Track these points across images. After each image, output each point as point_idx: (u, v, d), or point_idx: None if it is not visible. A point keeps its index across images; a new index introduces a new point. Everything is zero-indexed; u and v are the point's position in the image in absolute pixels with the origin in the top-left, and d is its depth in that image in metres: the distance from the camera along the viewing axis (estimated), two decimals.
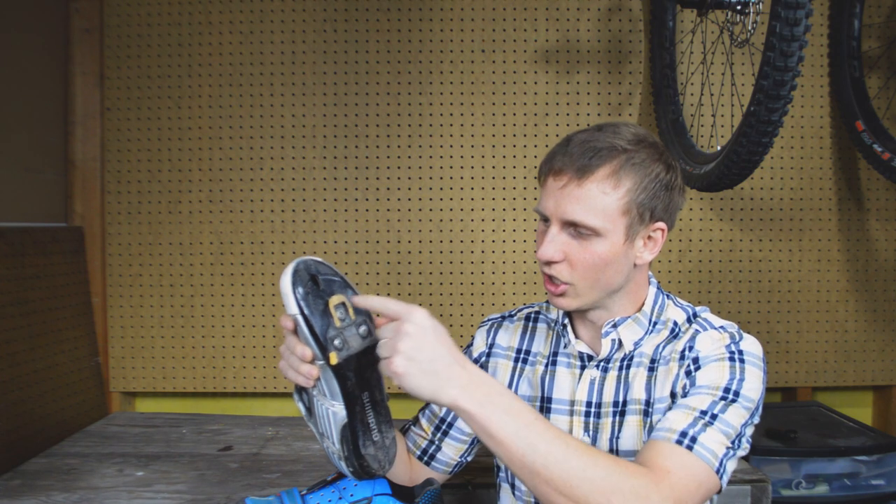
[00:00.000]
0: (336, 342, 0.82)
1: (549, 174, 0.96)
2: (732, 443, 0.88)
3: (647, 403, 0.98)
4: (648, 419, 0.97)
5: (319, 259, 0.86)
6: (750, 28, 1.53)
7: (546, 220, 0.97)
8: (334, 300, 0.83)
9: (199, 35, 2.00)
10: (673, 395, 0.96)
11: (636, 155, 0.93)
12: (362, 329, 0.84)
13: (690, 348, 0.96)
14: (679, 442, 0.85)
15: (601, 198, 0.92)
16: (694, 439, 0.85)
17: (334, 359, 0.82)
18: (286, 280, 0.81)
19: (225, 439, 1.73)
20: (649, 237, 0.97)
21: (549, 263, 0.95)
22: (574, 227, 0.93)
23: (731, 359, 0.93)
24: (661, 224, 0.97)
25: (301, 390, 0.90)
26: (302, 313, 0.81)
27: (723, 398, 0.90)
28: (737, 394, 0.90)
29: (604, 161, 0.92)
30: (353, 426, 0.85)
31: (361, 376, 0.85)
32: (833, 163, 2.05)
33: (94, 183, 2.00)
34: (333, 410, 0.85)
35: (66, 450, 1.65)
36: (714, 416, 0.88)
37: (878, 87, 1.99)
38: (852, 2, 1.89)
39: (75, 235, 1.96)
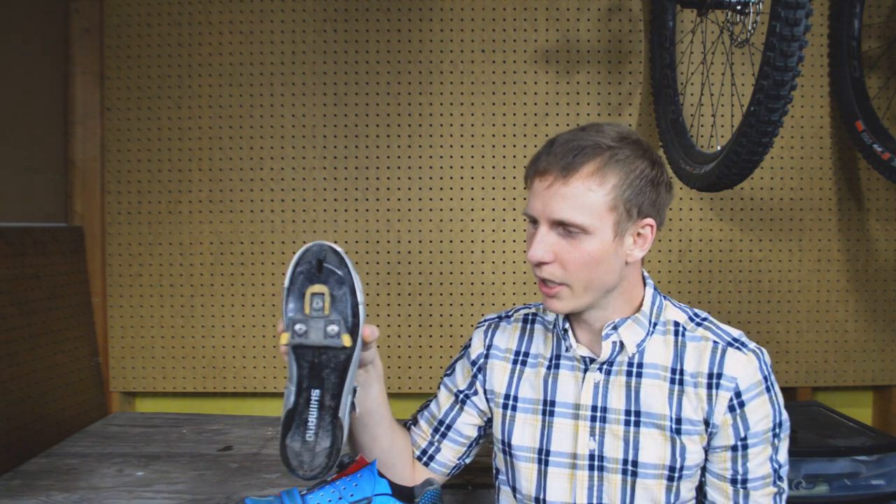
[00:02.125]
0: (297, 326, 0.84)
1: (534, 175, 0.96)
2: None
3: (676, 421, 0.99)
4: (678, 437, 0.98)
5: (338, 249, 0.86)
6: (750, 28, 1.53)
7: (535, 222, 0.97)
8: (314, 288, 0.85)
9: (199, 35, 2.00)
10: (708, 424, 0.98)
11: (620, 152, 0.94)
12: (331, 328, 0.85)
13: (720, 375, 0.98)
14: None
15: (587, 195, 0.92)
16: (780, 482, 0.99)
17: (285, 339, 0.84)
18: (296, 255, 0.85)
19: (225, 439, 1.73)
20: (638, 234, 0.98)
21: (540, 265, 0.96)
22: (563, 227, 0.94)
23: (768, 389, 0.99)
24: (649, 220, 0.97)
25: None
26: (287, 287, 0.85)
27: (775, 436, 0.99)
28: (780, 425, 0.99)
29: (588, 158, 0.93)
30: (292, 416, 0.86)
31: (316, 372, 0.86)
32: (833, 163, 2.05)
33: (94, 183, 2.00)
34: (287, 392, 0.87)
35: (66, 450, 1.65)
36: (778, 468, 1.00)
37: (878, 87, 1.99)
38: (852, 2, 1.89)
39: (75, 235, 1.96)
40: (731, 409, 0.96)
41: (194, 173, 2.02)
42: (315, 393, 0.86)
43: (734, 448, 0.98)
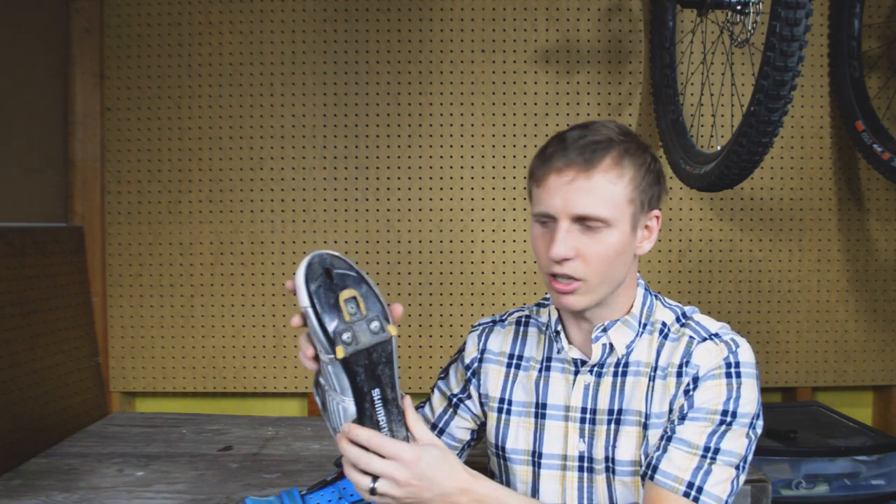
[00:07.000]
0: (344, 336, 0.82)
1: (549, 173, 0.94)
2: (737, 468, 0.91)
3: (646, 416, 0.97)
4: (646, 432, 0.97)
5: (336, 253, 0.85)
6: (750, 28, 1.53)
7: (548, 221, 0.96)
8: (345, 294, 0.82)
9: (199, 35, 2.00)
10: (671, 412, 0.96)
11: (629, 145, 0.95)
12: (374, 325, 0.83)
13: (688, 363, 0.96)
14: (686, 494, 0.89)
15: (609, 188, 0.92)
16: (700, 489, 0.89)
17: (341, 353, 0.81)
18: (300, 273, 0.81)
19: (225, 439, 1.73)
20: (647, 226, 0.98)
21: (561, 262, 0.94)
22: (583, 221, 0.92)
23: (728, 374, 0.94)
24: (656, 211, 0.98)
25: (318, 385, 0.90)
26: (312, 306, 0.81)
27: (721, 422, 0.91)
28: (734, 414, 0.92)
29: (606, 152, 0.93)
30: (361, 423, 0.85)
31: (371, 372, 0.84)
32: (833, 163, 2.05)
33: (94, 183, 2.00)
34: (344, 406, 0.85)
35: (66, 450, 1.65)
36: (717, 451, 0.90)
37: (878, 87, 1.99)
38: (852, 2, 1.89)
39: (75, 235, 1.96)
40: (686, 392, 0.95)
41: (194, 173, 2.02)
42: (376, 392, 0.85)
43: (671, 420, 0.95)
